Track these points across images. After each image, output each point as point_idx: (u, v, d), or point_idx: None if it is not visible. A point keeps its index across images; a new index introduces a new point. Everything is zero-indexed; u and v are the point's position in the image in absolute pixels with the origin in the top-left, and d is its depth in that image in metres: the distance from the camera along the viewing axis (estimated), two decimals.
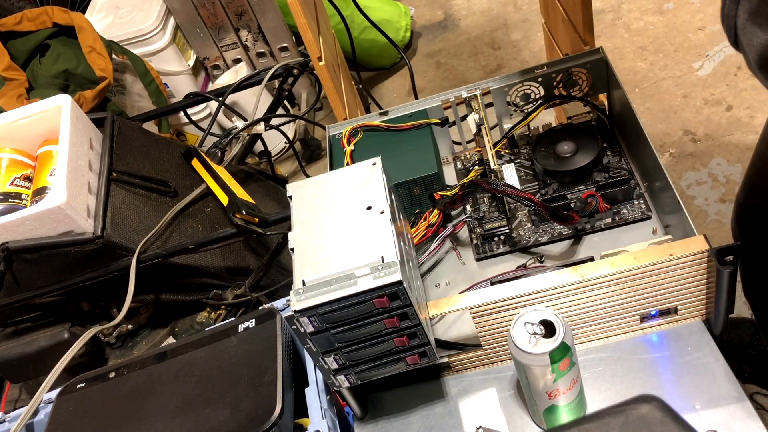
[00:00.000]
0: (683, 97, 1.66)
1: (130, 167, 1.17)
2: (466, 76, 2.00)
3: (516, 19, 2.08)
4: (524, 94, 0.99)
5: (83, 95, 1.40)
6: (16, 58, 1.49)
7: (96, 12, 1.83)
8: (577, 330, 0.76)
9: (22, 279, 1.06)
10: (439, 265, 0.93)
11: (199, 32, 1.85)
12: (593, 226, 0.88)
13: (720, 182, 1.47)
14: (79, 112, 1.12)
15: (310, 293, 0.64)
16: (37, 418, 0.89)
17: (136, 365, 0.84)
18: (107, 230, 1.04)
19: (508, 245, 0.90)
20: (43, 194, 1.07)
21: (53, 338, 1.14)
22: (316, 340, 0.66)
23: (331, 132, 1.04)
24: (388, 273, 0.62)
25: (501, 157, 1.00)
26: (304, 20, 1.12)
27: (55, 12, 1.51)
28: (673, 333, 0.76)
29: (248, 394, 0.74)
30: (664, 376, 0.73)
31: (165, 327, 1.22)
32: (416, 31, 2.20)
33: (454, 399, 0.79)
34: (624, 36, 1.86)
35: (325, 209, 0.72)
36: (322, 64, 1.20)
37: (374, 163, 0.74)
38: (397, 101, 2.03)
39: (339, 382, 0.72)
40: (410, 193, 0.93)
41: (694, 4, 1.86)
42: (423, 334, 0.68)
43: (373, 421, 0.80)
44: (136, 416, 0.77)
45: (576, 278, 0.70)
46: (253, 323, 0.82)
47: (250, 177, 1.46)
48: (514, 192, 0.80)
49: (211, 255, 1.18)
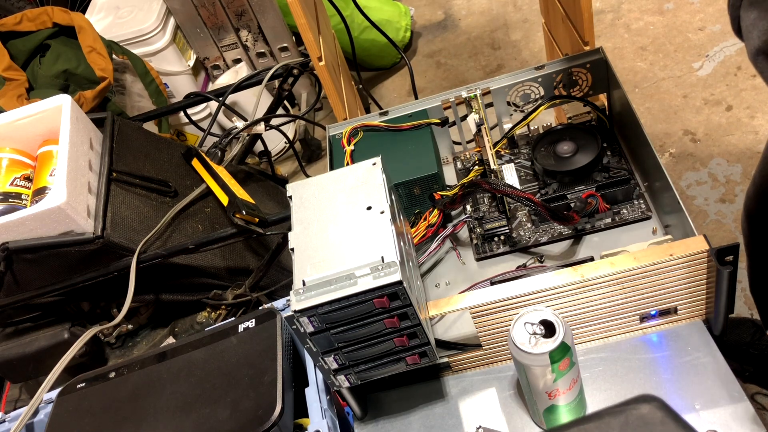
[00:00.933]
0: (683, 97, 1.66)
1: (130, 167, 1.17)
2: (466, 76, 2.00)
3: (516, 19, 2.08)
4: (524, 94, 0.99)
5: (83, 95, 1.40)
6: (16, 58, 1.49)
7: (96, 12, 1.83)
8: (577, 330, 0.76)
9: (22, 279, 1.06)
10: (439, 265, 0.93)
11: (199, 32, 1.85)
12: (593, 226, 0.88)
13: (720, 182, 1.47)
14: (79, 112, 1.12)
15: (310, 293, 0.64)
16: (37, 418, 0.89)
17: (136, 365, 0.84)
18: (107, 230, 1.04)
19: (508, 245, 0.90)
20: (43, 194, 1.07)
21: (53, 338, 1.14)
22: (316, 340, 0.66)
23: (331, 132, 1.04)
24: (388, 273, 0.62)
25: (501, 157, 1.00)
26: (304, 20, 1.12)
27: (55, 12, 1.51)
28: (673, 333, 0.76)
29: (248, 394, 0.74)
30: (664, 376, 0.73)
31: (165, 327, 1.22)
32: (416, 31, 2.20)
33: (454, 399, 0.79)
34: (624, 36, 1.86)
35: (325, 209, 0.72)
36: (322, 64, 1.20)
37: (374, 163, 0.74)
38: (397, 101, 2.03)
39: (339, 382, 0.72)
40: (410, 193, 0.93)
41: (694, 4, 1.86)
42: (423, 334, 0.68)
43: (373, 421, 0.80)
44: (136, 416, 0.77)
45: (576, 278, 0.70)
46: (253, 323, 0.82)
47: (250, 177, 1.46)
48: (514, 192, 0.80)
49: (211, 255, 1.18)
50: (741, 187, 1.44)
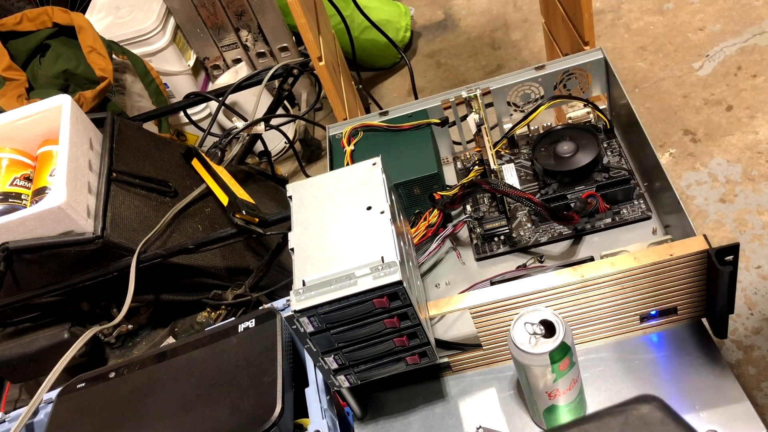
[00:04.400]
0: (683, 97, 1.66)
1: (130, 167, 1.17)
2: (466, 76, 2.00)
3: (516, 19, 2.08)
4: (524, 94, 0.99)
5: (83, 95, 1.40)
6: (16, 58, 1.49)
7: (96, 12, 1.83)
8: (577, 330, 0.76)
9: (22, 279, 1.06)
10: (439, 265, 0.93)
11: (199, 32, 1.85)
12: (593, 226, 0.88)
13: (720, 182, 1.47)
14: (79, 112, 1.12)
15: (310, 293, 0.64)
16: (37, 418, 0.89)
17: (136, 365, 0.84)
18: (107, 230, 1.04)
19: (508, 245, 0.90)
20: (43, 194, 1.07)
21: (53, 338, 1.14)
22: (316, 340, 0.66)
23: (331, 132, 1.04)
24: (388, 273, 0.62)
25: (501, 157, 1.00)
26: (304, 20, 1.12)
27: (55, 12, 1.51)
28: (673, 333, 0.76)
29: (248, 394, 0.74)
30: (664, 376, 0.73)
31: (165, 327, 1.22)
32: (416, 31, 2.20)
33: (454, 399, 0.79)
34: (624, 36, 1.86)
35: (325, 209, 0.72)
36: (322, 64, 1.20)
37: (374, 163, 0.74)
38: (397, 101, 2.03)
39: (339, 382, 0.72)
40: (410, 193, 0.93)
41: (694, 4, 1.86)
42: (423, 334, 0.68)
43: (373, 421, 0.80)
44: (136, 416, 0.77)
45: (576, 278, 0.70)
46: (253, 323, 0.82)
47: (250, 177, 1.46)
48: (514, 192, 0.79)
49: (211, 255, 1.18)
50: (741, 187, 1.44)
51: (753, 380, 1.20)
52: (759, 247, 1.34)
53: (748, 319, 1.27)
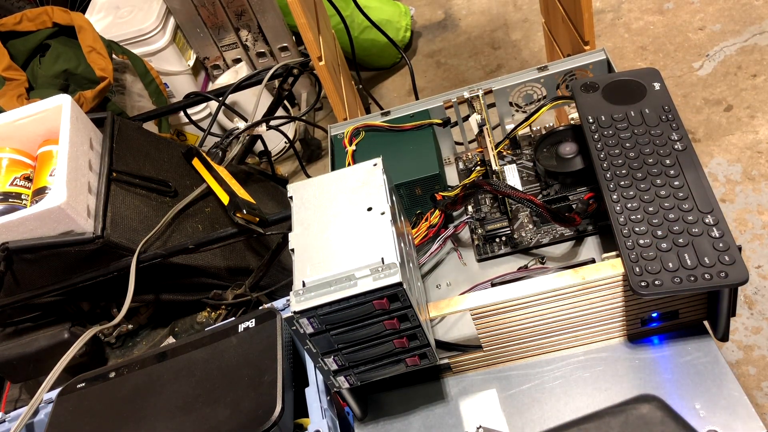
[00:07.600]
0: (683, 97, 1.66)
1: (130, 167, 1.17)
2: (466, 76, 2.00)
3: (516, 19, 2.08)
4: (526, 94, 0.99)
5: (83, 95, 1.40)
6: (16, 58, 1.49)
7: (96, 12, 1.83)
8: (577, 332, 0.76)
9: (22, 279, 1.06)
10: (440, 266, 0.92)
11: (199, 32, 1.85)
12: (595, 227, 0.88)
13: (720, 182, 1.47)
14: (79, 112, 1.12)
15: (310, 294, 0.64)
16: (37, 418, 0.89)
17: (136, 365, 0.84)
18: (107, 230, 1.04)
19: (509, 246, 0.90)
20: (43, 194, 1.07)
21: (53, 338, 1.14)
22: (316, 341, 0.66)
23: (332, 132, 1.04)
24: (388, 274, 0.62)
25: (503, 158, 1.00)
26: (304, 20, 1.12)
27: (55, 12, 1.50)
28: (674, 333, 0.76)
29: (248, 394, 0.74)
30: (664, 376, 0.73)
31: (165, 327, 1.22)
32: (416, 31, 2.20)
33: (454, 399, 0.79)
34: (624, 36, 1.86)
35: (326, 210, 0.72)
36: (322, 64, 1.20)
37: (375, 163, 0.74)
38: (397, 101, 2.03)
39: (339, 383, 0.72)
40: (412, 194, 0.93)
41: (694, 4, 1.86)
42: (423, 335, 0.68)
43: (373, 421, 0.80)
44: (136, 416, 0.77)
45: (577, 280, 0.70)
46: (253, 323, 0.82)
47: (250, 177, 1.46)
48: (516, 193, 0.79)
49: (211, 255, 1.18)
50: (741, 187, 1.44)
51: (753, 380, 1.20)
52: (759, 247, 1.34)
53: (748, 319, 1.27)
